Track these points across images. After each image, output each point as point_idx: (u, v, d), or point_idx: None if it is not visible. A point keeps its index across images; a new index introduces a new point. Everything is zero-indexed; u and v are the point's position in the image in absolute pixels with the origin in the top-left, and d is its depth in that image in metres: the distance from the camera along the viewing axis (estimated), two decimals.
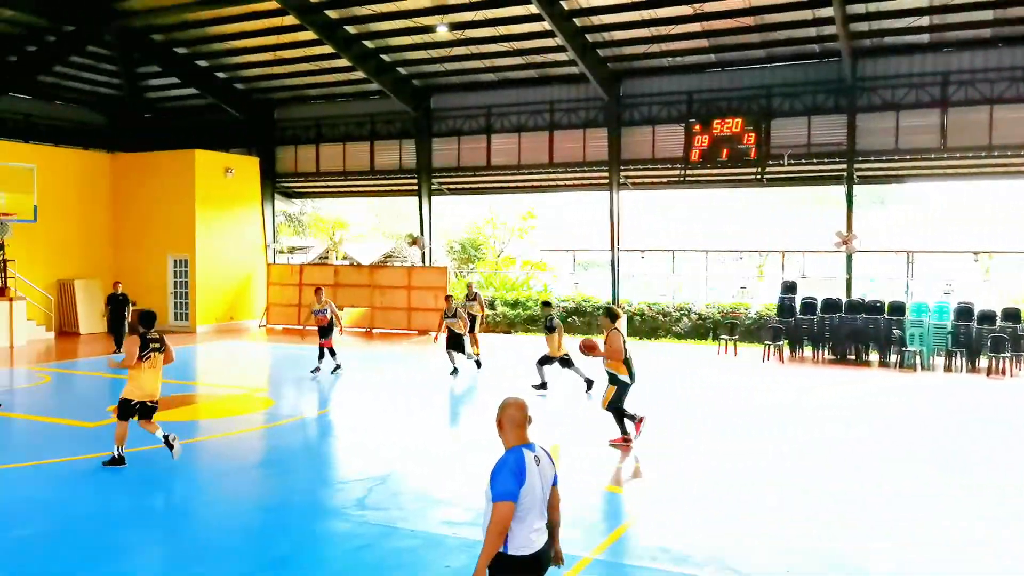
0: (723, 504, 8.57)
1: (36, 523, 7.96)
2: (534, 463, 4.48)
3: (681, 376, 16.97)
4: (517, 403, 4.62)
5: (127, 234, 25.71)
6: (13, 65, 24.05)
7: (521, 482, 4.36)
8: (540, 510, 4.48)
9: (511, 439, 4.55)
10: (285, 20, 21.36)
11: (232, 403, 14.16)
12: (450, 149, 25.15)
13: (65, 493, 9.08)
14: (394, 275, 25.37)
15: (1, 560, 7.03)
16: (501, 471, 4.40)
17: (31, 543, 7.42)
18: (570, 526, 7.89)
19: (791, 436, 11.70)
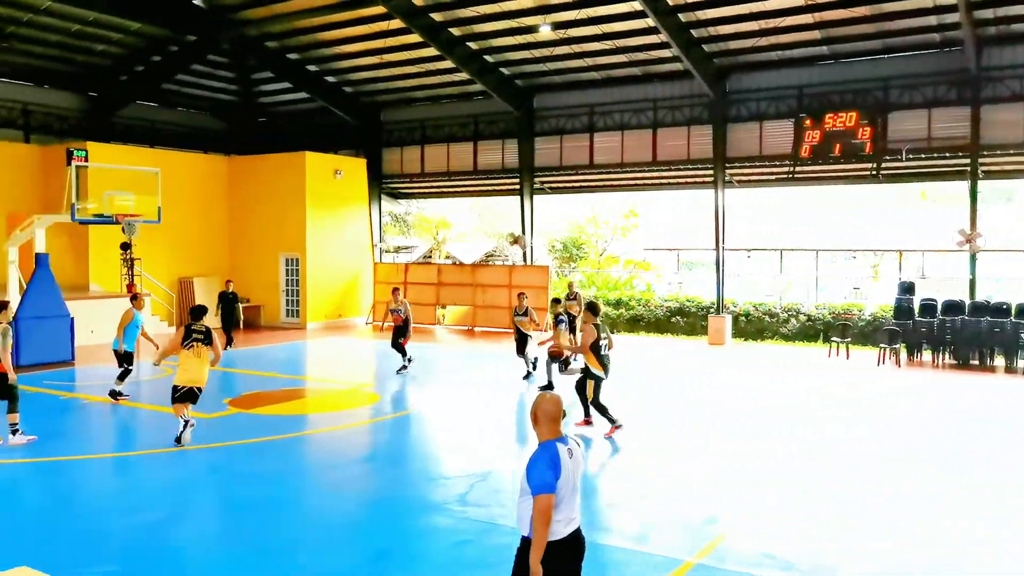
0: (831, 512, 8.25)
1: (158, 508, 8.37)
2: (567, 455, 4.68)
3: (791, 379, 16.42)
4: (552, 398, 4.81)
5: (242, 234, 26.84)
6: (140, 75, 25.47)
7: (557, 474, 4.57)
8: (572, 498, 4.71)
9: (545, 432, 4.74)
10: (391, 24, 21.80)
11: (339, 398, 14.53)
12: (552, 148, 25.14)
13: (184, 481, 9.51)
14: (496, 274, 25.55)
15: (127, 542, 7.42)
16: (538, 465, 4.60)
17: (154, 528, 7.81)
18: (664, 527, 7.75)
19: (923, 442, 11.14)
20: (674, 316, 24.07)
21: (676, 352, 20.71)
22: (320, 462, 10.65)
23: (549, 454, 4.64)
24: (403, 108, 27.64)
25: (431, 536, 7.71)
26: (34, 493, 9.21)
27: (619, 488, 9.18)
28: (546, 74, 24.13)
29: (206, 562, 6.99)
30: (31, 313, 17.19)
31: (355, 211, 27.39)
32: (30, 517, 8.17)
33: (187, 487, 9.35)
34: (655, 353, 20.49)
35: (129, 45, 23.78)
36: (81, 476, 9.81)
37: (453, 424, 12.60)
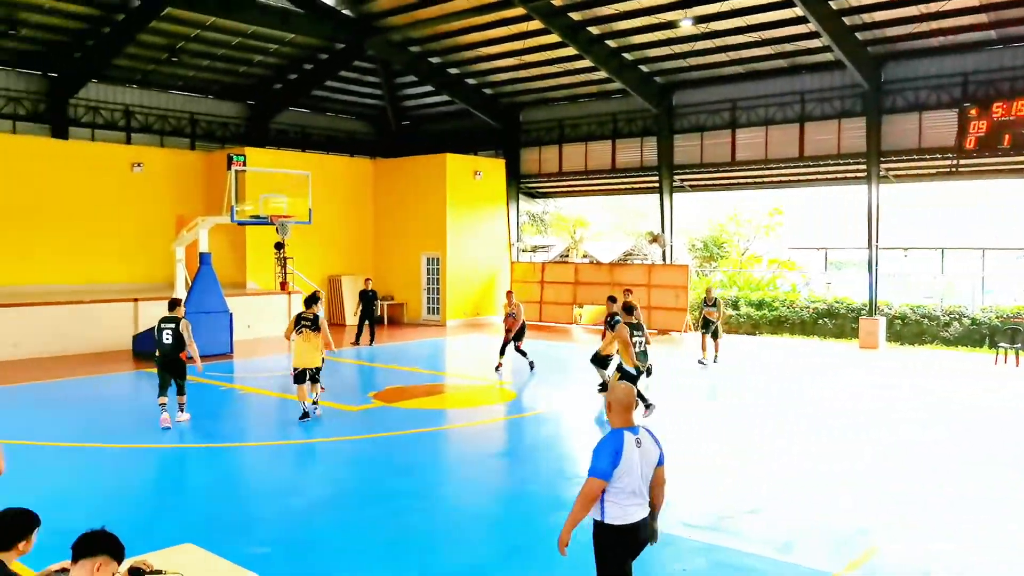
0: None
1: (307, 494, 8.77)
2: (634, 444, 4.85)
3: (952, 385, 15.38)
4: (626, 387, 5.05)
5: (386, 234, 27.80)
6: (293, 83, 26.85)
7: (616, 463, 4.76)
8: (638, 487, 4.84)
9: (617, 421, 4.93)
10: (530, 25, 21.98)
11: (477, 394, 14.77)
12: (692, 145, 24.63)
13: (330, 470, 9.94)
14: (634, 273, 25.29)
15: (279, 525, 7.82)
16: (601, 450, 4.82)
17: (303, 512, 8.19)
18: (810, 536, 7.40)
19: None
20: (821, 318, 23.05)
21: (824, 355, 19.83)
22: (458, 456, 10.87)
23: (615, 443, 4.81)
24: (542, 108, 27.82)
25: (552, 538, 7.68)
26: (198, 476, 9.86)
27: (756, 493, 8.86)
28: (686, 70, 23.66)
29: (349, 548, 7.25)
30: (195, 308, 18.40)
31: (494, 211, 27.80)
32: (194, 498, 8.75)
33: (333, 476, 9.76)
34: (801, 356, 19.69)
35: (284, 55, 25.10)
36: (239, 462, 10.43)
37: (588, 424, 12.55)
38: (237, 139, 27.10)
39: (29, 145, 21.99)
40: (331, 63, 25.83)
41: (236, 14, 21.25)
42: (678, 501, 8.54)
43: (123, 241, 23.31)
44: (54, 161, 22.22)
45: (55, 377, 15.94)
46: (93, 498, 8.54)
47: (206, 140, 26.57)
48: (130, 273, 23.28)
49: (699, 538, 7.37)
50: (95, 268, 22.69)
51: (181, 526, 7.62)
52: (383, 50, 24.79)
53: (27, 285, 21.15)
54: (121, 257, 23.23)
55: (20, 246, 21.33)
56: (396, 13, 22.84)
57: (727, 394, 14.96)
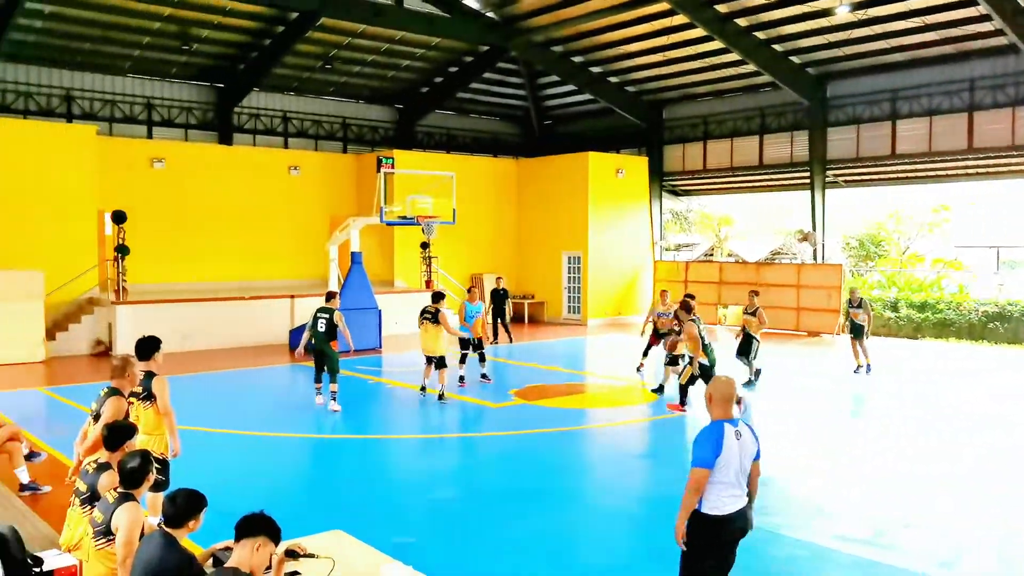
0: None
1: (451, 487, 8.97)
2: (734, 436, 4.95)
3: None
4: (728, 380, 5.15)
5: (528, 233, 28.06)
6: (438, 86, 27.53)
7: (717, 452, 4.87)
8: (736, 479, 4.95)
9: (717, 413, 5.03)
10: (674, 20, 21.58)
11: (618, 394, 14.64)
12: (847, 139, 23.45)
13: (474, 465, 10.12)
14: (782, 273, 24.36)
15: (423, 516, 8.03)
16: (702, 440, 4.95)
17: (447, 505, 8.37)
18: (976, 551, 6.87)
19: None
20: (992, 322, 21.40)
21: (991, 361, 18.42)
22: (599, 456, 10.81)
23: (715, 434, 4.94)
24: (685, 104, 27.26)
25: None
26: (348, 465, 10.27)
27: (910, 504, 8.31)
28: (841, 59, 22.55)
29: (491, 542, 7.34)
30: (347, 305, 19.18)
31: (636, 209, 27.50)
32: (344, 486, 9.11)
33: (476, 470, 9.93)
34: (964, 361, 18.38)
35: (430, 59, 25.78)
36: (386, 453, 10.79)
37: None
38: (386, 142, 28.07)
39: (199, 151, 23.61)
40: (475, 65, 26.31)
41: (385, 20, 22.01)
42: (829, 512, 8.16)
43: (281, 241, 24.63)
44: (220, 166, 23.75)
45: (219, 368, 17.04)
46: (252, 482, 9.05)
47: (357, 143, 27.67)
48: (287, 271, 24.57)
49: (855, 552, 7.00)
50: (255, 266, 24.09)
51: (331, 512, 7.95)
52: (526, 51, 25.00)
53: (195, 282, 22.71)
54: (279, 256, 24.56)
55: (189, 246, 22.92)
56: (539, 13, 22.98)
57: (875, 401, 14.14)
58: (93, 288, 20.12)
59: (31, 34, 20.49)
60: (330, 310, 12.98)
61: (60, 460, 9.40)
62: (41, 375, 16.42)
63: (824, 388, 15.07)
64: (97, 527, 4.83)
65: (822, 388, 15.06)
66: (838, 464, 9.99)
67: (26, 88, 21.67)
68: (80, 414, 10.24)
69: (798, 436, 11.46)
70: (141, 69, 23.21)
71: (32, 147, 19.49)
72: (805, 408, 13.38)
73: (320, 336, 12.83)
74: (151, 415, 6.93)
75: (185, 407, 10.17)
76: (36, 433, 10.53)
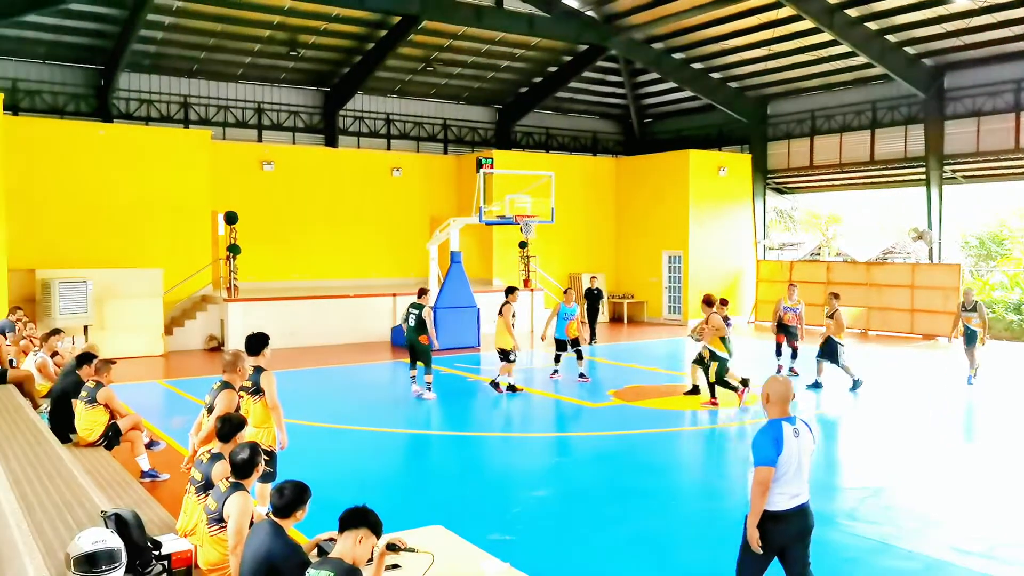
0: None
1: (550, 486, 8.98)
2: (792, 435, 5.02)
3: None
4: (784, 381, 5.22)
5: (627, 231, 27.81)
6: (537, 85, 27.59)
7: (779, 450, 4.94)
8: (796, 476, 5.01)
9: (775, 412, 5.11)
10: (779, 13, 20.97)
11: (719, 396, 14.30)
12: (966, 132, 22.27)
13: (572, 464, 10.09)
14: (895, 273, 23.35)
15: (522, 514, 8.05)
16: (763, 440, 5.01)
17: (546, 502, 8.39)
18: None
19: None
20: None
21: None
22: (698, 459, 10.61)
23: (775, 432, 5.00)
24: (791, 99, 26.47)
25: (815, 549, 7.23)
26: (448, 461, 10.42)
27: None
28: (961, 49, 21.43)
29: (589, 542, 7.29)
30: (447, 303, 19.49)
31: (738, 207, 26.88)
32: (444, 482, 9.24)
33: (575, 470, 9.90)
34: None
35: (529, 59, 25.86)
36: (485, 450, 10.88)
37: (842, 432, 11.75)
38: (485, 143, 28.33)
39: (306, 154, 24.40)
40: (574, 64, 26.23)
41: (486, 22, 22.20)
42: (944, 522, 7.78)
43: (383, 240, 25.20)
44: (326, 168, 24.48)
45: (324, 364, 17.56)
46: (354, 476, 9.29)
47: (457, 144, 28.02)
48: (389, 270, 25.13)
49: (973, 566, 6.64)
50: (359, 265, 24.74)
51: (430, 508, 8.07)
52: (626, 49, 24.77)
53: (301, 280, 23.50)
54: (381, 255, 25.14)
55: (296, 245, 23.72)
56: (639, 11, 22.73)
57: (991, 409, 13.36)
58: (207, 286, 21.07)
59: (151, 45, 21.60)
60: (420, 306, 13.58)
61: (177, 449, 9.87)
62: (160, 368, 17.29)
63: (937, 395, 14.35)
64: (211, 514, 5.05)
65: (935, 395, 14.35)
66: (949, 475, 9.51)
67: (147, 96, 22.86)
68: (195, 406, 10.74)
69: (908, 444, 10.97)
70: (252, 75, 24.17)
71: (153, 152, 20.59)
72: (915, 415, 12.79)
73: (411, 330, 13.50)
74: (259, 409, 7.19)
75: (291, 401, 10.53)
76: (155, 423, 11.10)
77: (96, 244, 19.52)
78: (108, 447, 8.73)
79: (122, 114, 22.32)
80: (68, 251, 19.10)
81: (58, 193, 19.36)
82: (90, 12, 19.85)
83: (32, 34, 20.27)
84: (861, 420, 12.54)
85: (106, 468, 7.75)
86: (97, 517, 5.09)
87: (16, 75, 21.07)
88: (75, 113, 21.73)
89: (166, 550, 5.02)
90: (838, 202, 35.59)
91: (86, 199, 19.64)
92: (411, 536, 4.84)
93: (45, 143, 19.35)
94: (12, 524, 4.78)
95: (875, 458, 10.25)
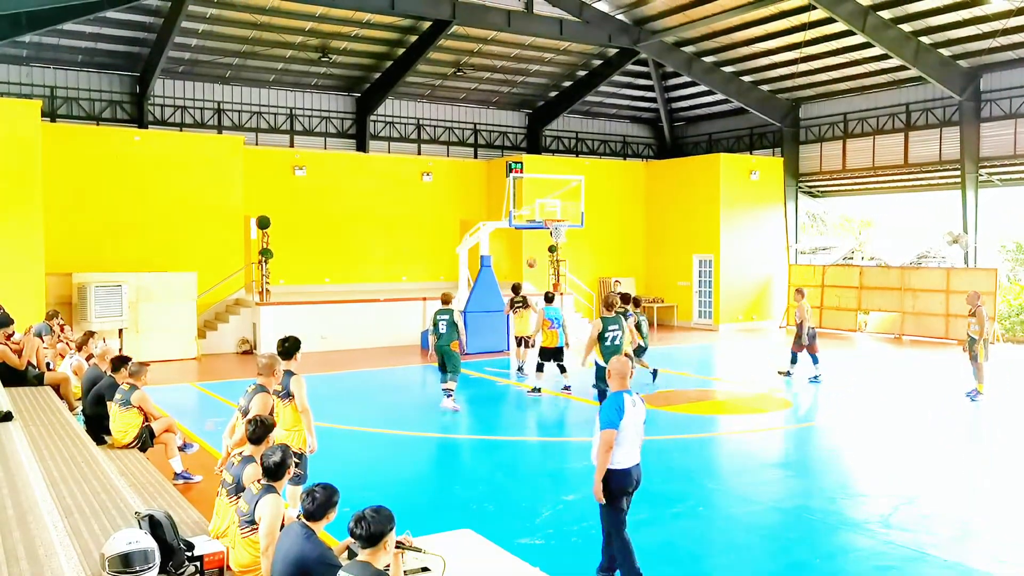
0: None
1: (577, 490, 8.93)
2: (631, 404, 6.08)
3: None
4: (623, 360, 6.30)
5: (657, 235, 27.68)
6: (567, 90, 27.57)
7: (621, 416, 6.01)
8: (634, 439, 6.12)
9: (616, 385, 6.19)
10: (812, 16, 20.79)
11: (750, 402, 14.21)
12: (1004, 135, 21.91)
13: None
14: (929, 277, 22.99)
15: (552, 518, 8.02)
16: (608, 407, 6.08)
17: (575, 506, 8.35)
18: None
19: None
20: None
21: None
22: (730, 465, 10.51)
23: (618, 402, 6.07)
24: (823, 102, 26.22)
25: (850, 556, 7.15)
26: (478, 465, 10.43)
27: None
28: (997, 50, 21.09)
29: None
30: (477, 307, 19.52)
31: (770, 211, 26.65)
32: (474, 486, 9.24)
33: None
34: None
35: (559, 63, 25.86)
36: (515, 454, 10.87)
37: (873, 438, 11.58)
38: (515, 147, 28.36)
39: (337, 159, 24.59)
40: (604, 68, 26.19)
41: (516, 26, 22.24)
42: (978, 534, 7.64)
43: (413, 245, 25.32)
44: (357, 173, 24.65)
45: (355, 368, 17.66)
46: (384, 479, 9.32)
47: (487, 149, 28.09)
48: (419, 274, 25.23)
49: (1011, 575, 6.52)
50: (390, 270, 24.87)
51: (459, 511, 8.08)
52: (656, 52, 24.68)
53: (333, 285, 23.69)
54: (412, 260, 25.26)
55: (327, 250, 23.91)
56: (670, 14, 22.65)
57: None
58: (240, 290, 21.31)
59: (186, 52, 21.92)
60: (449, 311, 13.13)
61: (210, 452, 9.98)
62: (193, 371, 17.50)
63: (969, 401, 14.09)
64: (243, 516, 5.10)
65: (967, 401, 14.08)
66: (985, 484, 9.34)
67: (181, 102, 23.19)
68: (228, 408, 10.85)
69: (942, 453, 10.79)
70: (284, 81, 24.42)
71: (187, 157, 20.88)
72: (946, 421, 12.59)
73: (443, 337, 12.98)
74: (290, 412, 7.25)
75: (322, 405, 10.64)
76: (188, 425, 11.23)
77: (131, 248, 19.83)
78: (142, 449, 8.85)
79: (157, 120, 22.67)
80: (104, 255, 19.43)
81: (95, 198, 19.70)
82: (126, 20, 20.20)
83: (69, 42, 20.67)
84: (887, 426, 12.35)
85: (140, 470, 7.85)
86: (131, 518, 5.17)
87: (54, 83, 21.49)
88: (111, 120, 22.11)
89: (199, 551, 5.08)
90: (871, 206, 35.14)
91: (122, 204, 19.97)
92: (439, 540, 4.85)
93: (82, 149, 19.71)
94: (49, 525, 4.86)
95: (909, 464, 10.09)
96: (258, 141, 24.00)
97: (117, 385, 9.10)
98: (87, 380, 9.82)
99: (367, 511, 4.07)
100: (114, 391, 9.03)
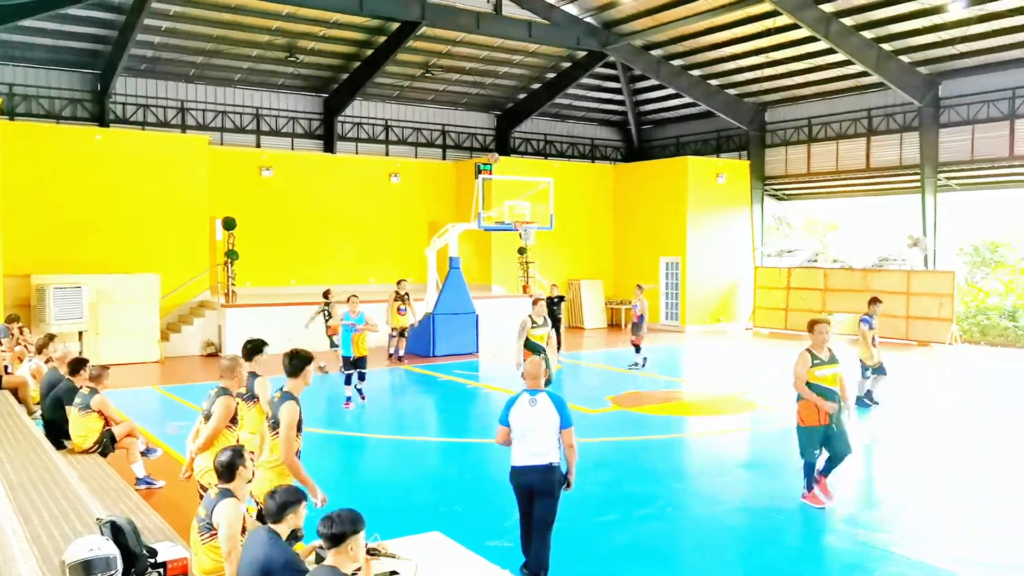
0: None
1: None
2: (528, 403, 6.12)
3: None
4: (536, 361, 6.50)
5: (625, 238, 27.83)
6: (536, 92, 27.62)
7: (507, 413, 6.12)
8: (532, 439, 6.07)
9: (528, 384, 6.27)
10: (777, 22, 21.04)
11: (717, 403, 14.32)
12: (962, 140, 22.33)
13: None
14: (891, 279, 23.37)
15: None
16: (505, 404, 6.25)
17: None
18: None
19: None
20: None
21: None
22: (699, 465, 10.59)
23: (512, 400, 6.20)
24: (788, 106, 26.55)
25: (817, 555, 7.23)
26: (447, 468, 10.38)
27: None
28: (955, 58, 21.50)
29: (589, 549, 7.27)
30: (446, 310, 19.47)
31: (736, 214, 26.92)
32: (443, 489, 9.19)
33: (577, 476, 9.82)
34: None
35: (528, 66, 25.89)
36: (483, 456, 10.83)
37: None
38: (484, 149, 28.33)
39: (304, 160, 24.38)
40: (573, 71, 26.27)
41: (485, 28, 22.21)
42: (943, 533, 7.76)
43: (382, 246, 25.18)
44: (324, 174, 24.46)
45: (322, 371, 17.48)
46: (353, 482, 9.25)
47: (455, 150, 28.03)
48: (388, 276, 25.02)
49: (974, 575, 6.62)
50: (358, 271, 24.67)
51: (429, 515, 8.03)
52: (625, 55, 24.80)
53: (299, 286, 23.45)
54: (380, 261, 25.10)
55: (294, 251, 23.69)
56: (638, 18, 22.77)
57: (990, 416, 13.36)
58: (204, 292, 21.02)
59: (149, 49, 21.59)
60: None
61: (173, 456, 9.82)
62: (156, 374, 17.24)
63: (937, 402, 14.34)
64: (201, 521, 5.01)
65: (933, 402, 14.33)
66: (951, 484, 9.50)
67: (144, 100, 22.85)
68: (192, 412, 10.69)
69: (910, 453, 10.96)
70: (251, 81, 24.17)
71: (150, 157, 20.55)
72: (913, 422, 12.79)
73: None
74: (254, 415, 7.14)
75: None
76: (151, 430, 11.04)
77: (93, 250, 19.47)
78: (103, 454, 8.69)
79: (119, 119, 22.30)
80: (64, 257, 19.04)
81: (54, 198, 19.32)
82: (87, 16, 19.84)
83: (29, 39, 20.25)
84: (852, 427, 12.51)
85: (101, 475, 7.71)
86: (92, 524, 5.06)
87: (13, 80, 21.06)
88: (72, 118, 21.71)
89: (162, 558, 4.99)
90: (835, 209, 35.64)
91: (83, 204, 19.60)
92: (407, 543, 4.81)
93: (41, 148, 19.32)
94: (8, 531, 4.75)
95: (880, 467, 10.23)
96: (223, 141, 23.71)
97: (76, 389, 8.92)
98: (45, 383, 9.62)
99: (336, 511, 4.05)
100: (73, 395, 8.85)
